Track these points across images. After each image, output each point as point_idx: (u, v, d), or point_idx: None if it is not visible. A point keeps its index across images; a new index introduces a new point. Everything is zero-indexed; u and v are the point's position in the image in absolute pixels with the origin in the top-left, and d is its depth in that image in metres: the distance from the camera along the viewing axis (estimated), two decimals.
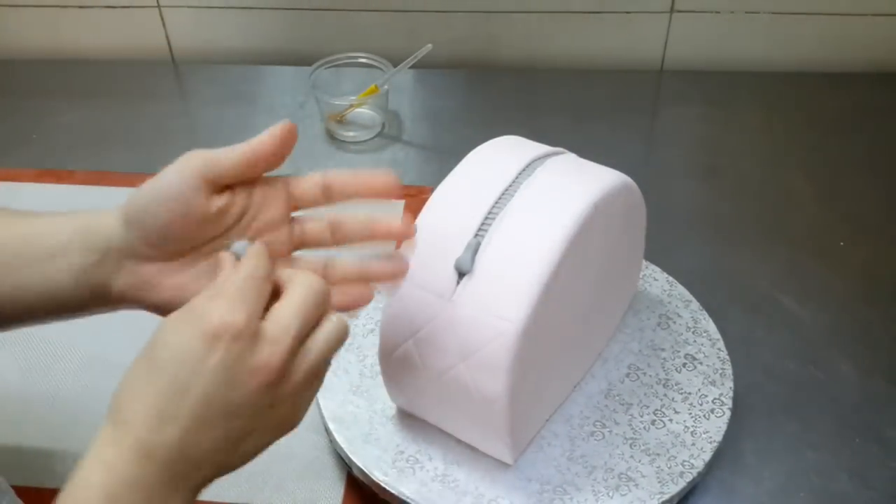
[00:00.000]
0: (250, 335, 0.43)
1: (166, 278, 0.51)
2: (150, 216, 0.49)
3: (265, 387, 0.43)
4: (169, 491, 0.43)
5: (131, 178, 0.94)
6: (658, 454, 0.64)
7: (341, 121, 1.01)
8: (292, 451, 0.68)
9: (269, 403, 0.44)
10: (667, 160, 0.98)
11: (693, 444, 0.64)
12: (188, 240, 0.50)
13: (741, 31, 1.08)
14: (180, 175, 0.49)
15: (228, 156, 0.49)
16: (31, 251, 0.52)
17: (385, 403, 0.67)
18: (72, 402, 0.72)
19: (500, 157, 0.62)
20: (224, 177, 0.50)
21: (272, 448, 0.67)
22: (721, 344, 0.71)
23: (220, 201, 0.50)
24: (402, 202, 0.90)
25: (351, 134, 1.00)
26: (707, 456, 0.63)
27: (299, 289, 0.45)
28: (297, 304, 0.45)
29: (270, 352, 0.43)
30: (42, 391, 0.73)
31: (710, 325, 0.73)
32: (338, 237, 0.53)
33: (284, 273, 0.47)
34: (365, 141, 1.00)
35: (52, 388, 0.74)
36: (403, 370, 0.61)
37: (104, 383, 0.74)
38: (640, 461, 0.63)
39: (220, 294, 0.44)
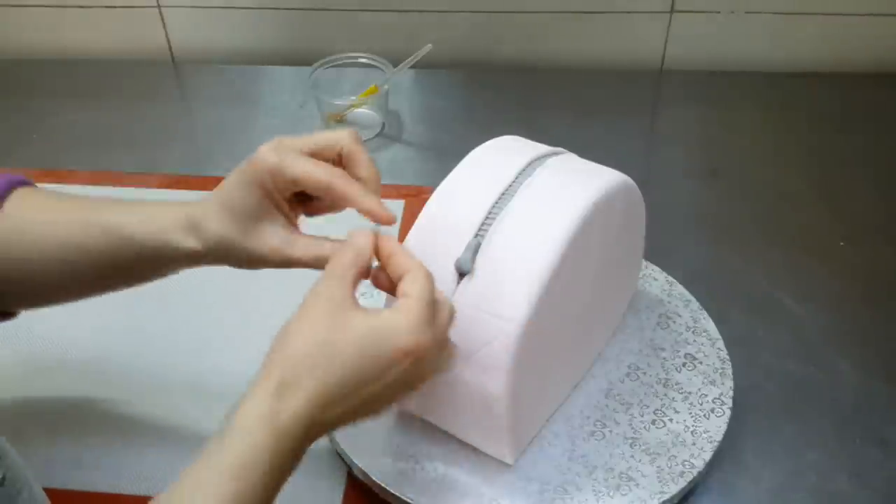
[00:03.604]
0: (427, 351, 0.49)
1: (258, 245, 0.55)
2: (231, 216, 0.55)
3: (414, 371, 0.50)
4: (301, 452, 0.48)
5: (132, 177, 0.94)
6: (658, 454, 0.64)
7: (341, 121, 1.01)
8: None
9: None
10: (667, 160, 0.98)
11: (693, 444, 0.64)
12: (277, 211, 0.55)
13: (741, 31, 1.08)
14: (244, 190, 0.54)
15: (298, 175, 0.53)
16: (143, 251, 0.56)
17: None
18: (72, 403, 0.72)
19: (500, 157, 0.62)
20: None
21: None
22: (721, 343, 0.71)
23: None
24: (401, 202, 0.90)
25: None
26: (707, 455, 0.63)
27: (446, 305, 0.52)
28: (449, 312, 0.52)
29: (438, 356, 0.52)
30: (42, 391, 0.73)
31: (710, 325, 0.73)
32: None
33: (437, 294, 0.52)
34: (365, 141, 1.00)
35: (52, 387, 0.74)
36: None
37: (104, 384, 0.74)
38: (640, 461, 0.63)
39: (408, 314, 0.49)
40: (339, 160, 0.55)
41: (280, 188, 0.54)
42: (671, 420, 0.66)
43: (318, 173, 0.53)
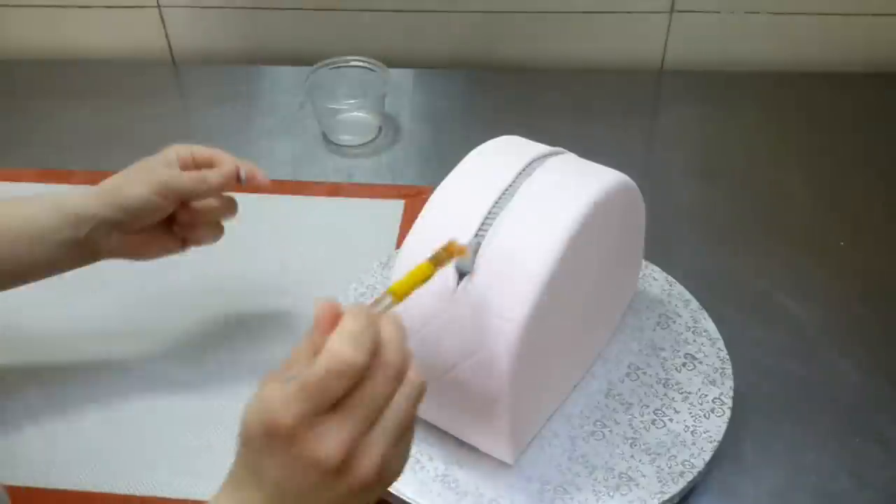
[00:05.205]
0: (300, 435, 0.41)
1: (151, 241, 0.68)
2: (125, 213, 0.65)
3: (329, 478, 0.42)
4: None
5: None
6: (658, 454, 0.64)
7: (339, 122, 1.01)
8: None
9: (346, 491, 0.42)
10: (667, 160, 0.98)
11: (693, 444, 0.64)
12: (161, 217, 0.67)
13: (741, 31, 1.08)
14: (146, 191, 0.66)
15: (183, 183, 0.67)
16: (26, 232, 0.65)
17: None
18: (71, 403, 0.72)
19: (500, 157, 0.62)
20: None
21: None
22: (721, 343, 0.71)
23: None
24: (401, 202, 0.90)
25: (347, 137, 1.00)
26: (707, 455, 0.63)
27: (356, 397, 0.42)
28: (350, 407, 0.42)
29: (323, 448, 0.41)
30: (42, 390, 0.73)
31: (710, 325, 0.73)
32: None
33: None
34: (364, 144, 1.00)
35: (51, 387, 0.73)
36: None
37: (103, 384, 0.74)
38: (640, 461, 0.63)
39: (287, 386, 0.41)
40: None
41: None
42: (671, 420, 0.66)
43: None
